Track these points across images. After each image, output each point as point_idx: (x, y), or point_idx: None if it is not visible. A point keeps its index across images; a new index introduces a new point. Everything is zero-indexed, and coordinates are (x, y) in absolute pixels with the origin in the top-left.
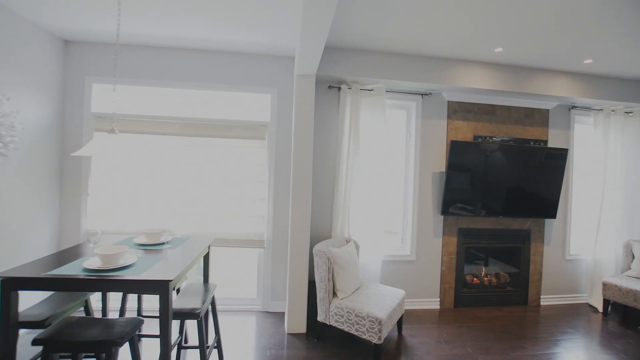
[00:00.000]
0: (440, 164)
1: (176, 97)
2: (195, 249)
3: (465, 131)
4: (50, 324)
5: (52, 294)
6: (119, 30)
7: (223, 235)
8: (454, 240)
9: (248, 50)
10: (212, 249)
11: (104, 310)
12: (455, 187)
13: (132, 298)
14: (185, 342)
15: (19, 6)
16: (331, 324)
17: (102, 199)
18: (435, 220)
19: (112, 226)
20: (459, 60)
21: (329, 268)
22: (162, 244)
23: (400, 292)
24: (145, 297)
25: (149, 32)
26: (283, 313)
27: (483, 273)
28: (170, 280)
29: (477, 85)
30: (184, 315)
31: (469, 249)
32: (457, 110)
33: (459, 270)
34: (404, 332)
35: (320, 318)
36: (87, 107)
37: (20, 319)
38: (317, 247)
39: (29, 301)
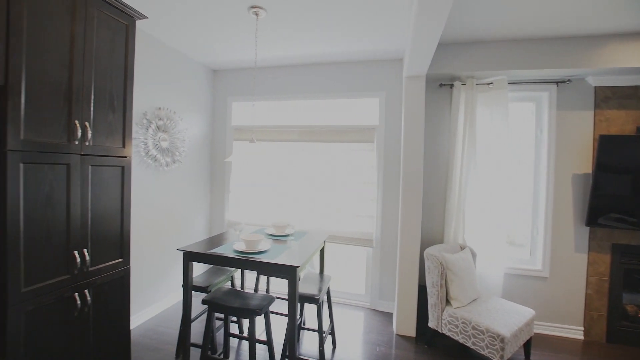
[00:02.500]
0: (583, 164)
1: (295, 108)
2: (313, 242)
3: (623, 122)
4: (210, 291)
5: (209, 268)
6: (256, 57)
7: (335, 232)
8: (605, 258)
9: (357, 58)
10: (326, 244)
11: (242, 286)
12: (607, 192)
13: (261, 279)
14: (304, 324)
15: (186, 48)
16: (444, 332)
17: (239, 195)
18: (577, 232)
19: (246, 218)
20: (610, 36)
21: (441, 274)
22: (287, 235)
23: (528, 311)
24: (271, 280)
25: (278, 55)
26: (391, 313)
27: None
28: (298, 267)
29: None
30: (305, 298)
31: (630, 272)
32: (610, 98)
33: (614, 296)
34: (533, 359)
35: (431, 324)
36: (229, 122)
37: (193, 283)
38: (429, 251)
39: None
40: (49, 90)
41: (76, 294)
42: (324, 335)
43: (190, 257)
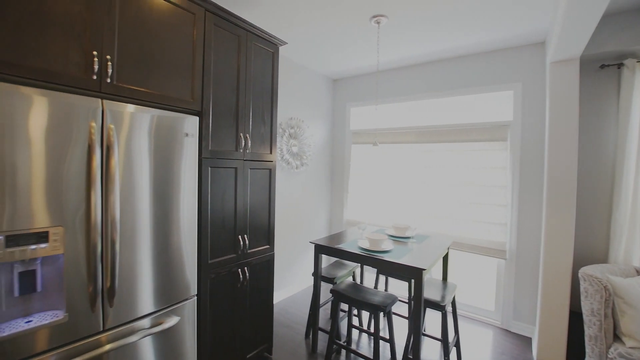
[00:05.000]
0: None
1: (414, 109)
2: (437, 247)
3: None
4: (335, 282)
5: (332, 262)
6: (378, 63)
7: (459, 239)
8: None
9: (484, 49)
10: (449, 250)
11: (360, 283)
12: None
13: (380, 280)
14: (424, 330)
15: (310, 63)
16: None
17: (357, 196)
18: None
19: (364, 218)
20: None
21: (605, 300)
22: (408, 238)
23: None
24: (389, 281)
25: (396, 57)
26: (529, 338)
27: None
28: (424, 269)
29: None
30: (429, 303)
31: None
32: None
33: None
34: None
35: None
36: (348, 126)
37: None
38: (586, 271)
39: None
40: (224, 111)
41: (239, 269)
42: (449, 346)
43: (320, 250)
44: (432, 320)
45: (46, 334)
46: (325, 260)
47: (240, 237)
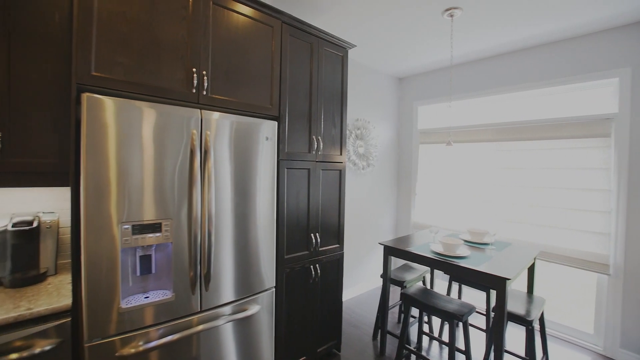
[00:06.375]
0: None
1: (490, 105)
2: (521, 256)
3: None
4: (405, 286)
5: (400, 265)
6: (452, 55)
7: (547, 248)
8: None
9: (579, 32)
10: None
11: (431, 289)
12: None
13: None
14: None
15: (376, 63)
16: None
17: (426, 198)
18: None
19: (433, 221)
20: None
21: None
22: (486, 244)
23: None
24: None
25: (470, 50)
26: None
27: None
28: (509, 279)
29: None
30: (513, 317)
31: None
32: None
33: None
34: None
35: None
36: (415, 126)
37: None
38: None
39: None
40: (298, 115)
41: (311, 266)
42: None
43: (389, 251)
44: (512, 337)
45: (157, 309)
46: (392, 262)
47: (312, 235)
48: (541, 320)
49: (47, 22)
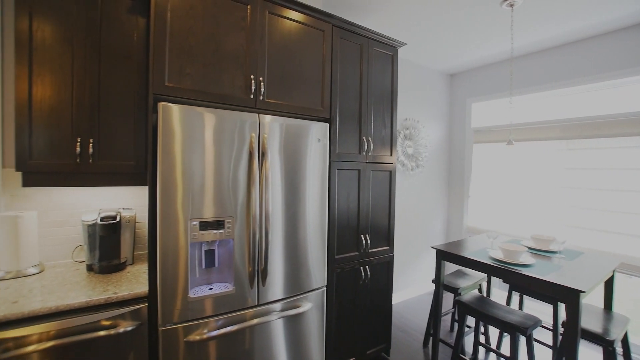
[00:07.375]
0: None
1: (553, 99)
2: (597, 267)
3: None
4: (460, 293)
5: (455, 271)
6: (512, 47)
7: (628, 259)
8: None
9: None
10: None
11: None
12: None
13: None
14: None
15: (425, 60)
16: None
17: (480, 201)
18: None
19: (489, 225)
20: None
21: None
22: (553, 252)
23: None
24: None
25: (528, 42)
26: None
27: None
28: (583, 291)
29: None
30: (587, 335)
31: None
32: None
33: None
34: None
35: None
36: (468, 124)
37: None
38: None
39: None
40: (348, 116)
41: (361, 267)
42: None
43: (442, 256)
44: (585, 357)
45: (219, 300)
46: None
47: (362, 236)
48: (624, 342)
49: (128, 41)
